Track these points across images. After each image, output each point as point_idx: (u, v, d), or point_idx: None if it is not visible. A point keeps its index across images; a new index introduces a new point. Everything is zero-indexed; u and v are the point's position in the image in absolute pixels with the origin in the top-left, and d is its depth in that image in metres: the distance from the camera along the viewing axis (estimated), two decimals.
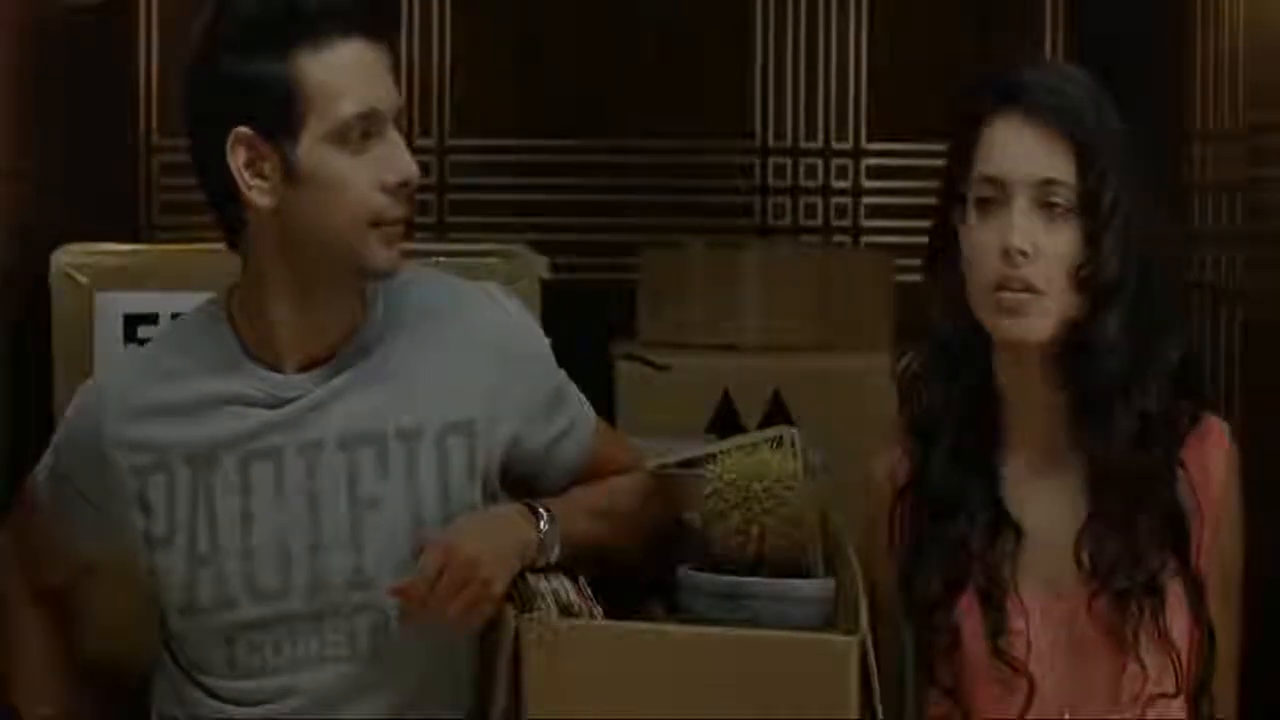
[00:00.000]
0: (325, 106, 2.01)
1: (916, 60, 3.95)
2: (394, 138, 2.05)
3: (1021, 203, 2.00)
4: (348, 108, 2.02)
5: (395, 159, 2.04)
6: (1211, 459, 2.07)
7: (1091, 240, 2.01)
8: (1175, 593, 2.03)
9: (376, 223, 2.04)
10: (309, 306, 2.09)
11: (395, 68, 2.08)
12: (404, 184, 2.05)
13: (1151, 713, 2.03)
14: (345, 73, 2.02)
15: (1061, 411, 2.07)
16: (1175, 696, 2.03)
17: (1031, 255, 1.99)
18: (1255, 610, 2.18)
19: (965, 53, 3.87)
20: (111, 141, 3.59)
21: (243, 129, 2.02)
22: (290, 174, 2.02)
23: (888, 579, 2.12)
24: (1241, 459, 2.12)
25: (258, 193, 2.04)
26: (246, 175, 2.03)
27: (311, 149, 2.02)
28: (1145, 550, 2.02)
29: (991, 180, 2.02)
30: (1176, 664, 2.02)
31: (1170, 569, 2.03)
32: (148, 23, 3.82)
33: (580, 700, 1.92)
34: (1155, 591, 2.02)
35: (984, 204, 2.03)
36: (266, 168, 2.03)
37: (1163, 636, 2.02)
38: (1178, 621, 2.03)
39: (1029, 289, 2.00)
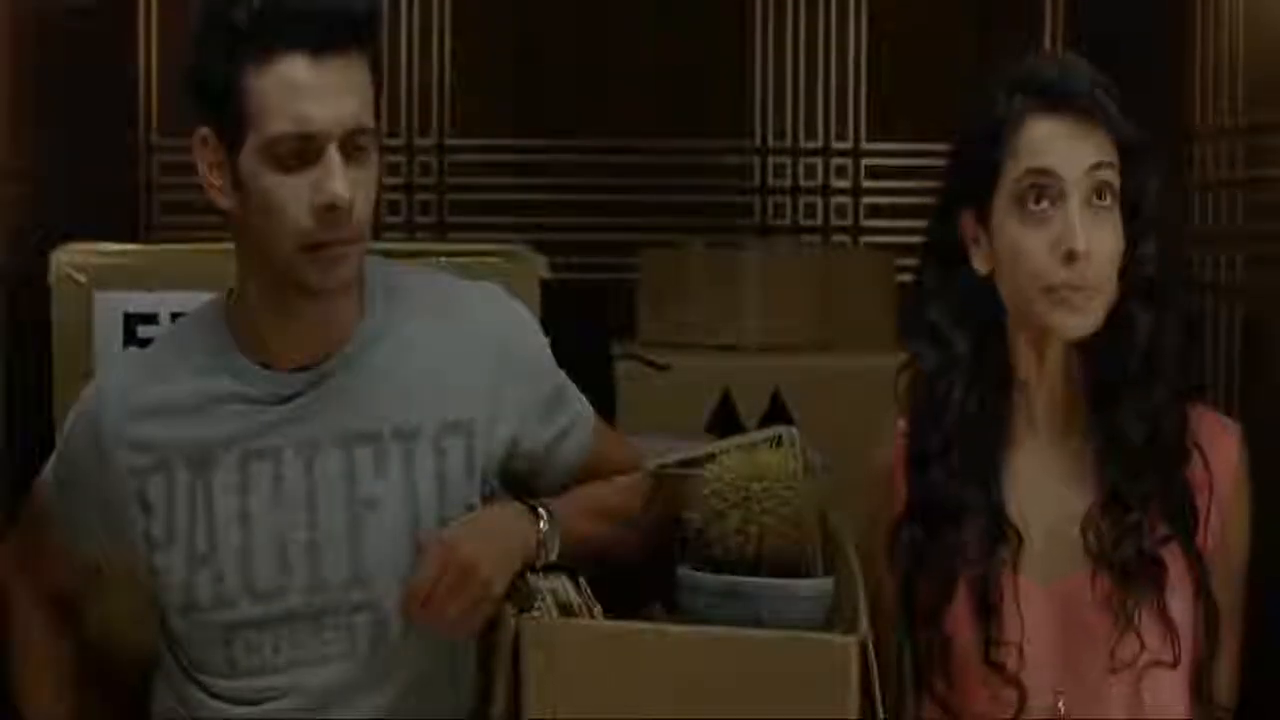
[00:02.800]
0: (260, 123, 1.98)
1: (916, 60, 3.94)
2: (331, 159, 1.98)
3: (1074, 203, 2.00)
4: (278, 126, 1.98)
5: (324, 182, 1.99)
6: (1224, 441, 2.09)
7: (1137, 236, 2.04)
8: (1178, 569, 2.04)
9: (308, 245, 2.01)
10: (294, 308, 2.09)
11: (361, 80, 2.01)
12: (330, 208, 1.99)
13: (1146, 682, 2.03)
14: (281, 91, 1.98)
15: (1076, 398, 2.09)
16: (1173, 667, 2.03)
17: (1087, 255, 2.00)
18: (1258, 610, 2.18)
19: (965, 53, 3.87)
20: (111, 141, 3.59)
21: (203, 130, 2.04)
22: (236, 184, 2.02)
23: (887, 577, 2.12)
24: None
25: (216, 194, 2.05)
26: (210, 176, 2.05)
27: (249, 163, 2.01)
28: (1152, 526, 2.03)
29: (1040, 173, 2.00)
30: (1175, 637, 2.02)
31: (1173, 545, 2.04)
32: (148, 23, 3.83)
33: (580, 700, 1.92)
34: (1157, 565, 2.03)
35: (1028, 204, 2.02)
36: (225, 172, 2.03)
37: (1163, 610, 2.02)
38: (1178, 596, 2.03)
39: (1087, 287, 2.01)
